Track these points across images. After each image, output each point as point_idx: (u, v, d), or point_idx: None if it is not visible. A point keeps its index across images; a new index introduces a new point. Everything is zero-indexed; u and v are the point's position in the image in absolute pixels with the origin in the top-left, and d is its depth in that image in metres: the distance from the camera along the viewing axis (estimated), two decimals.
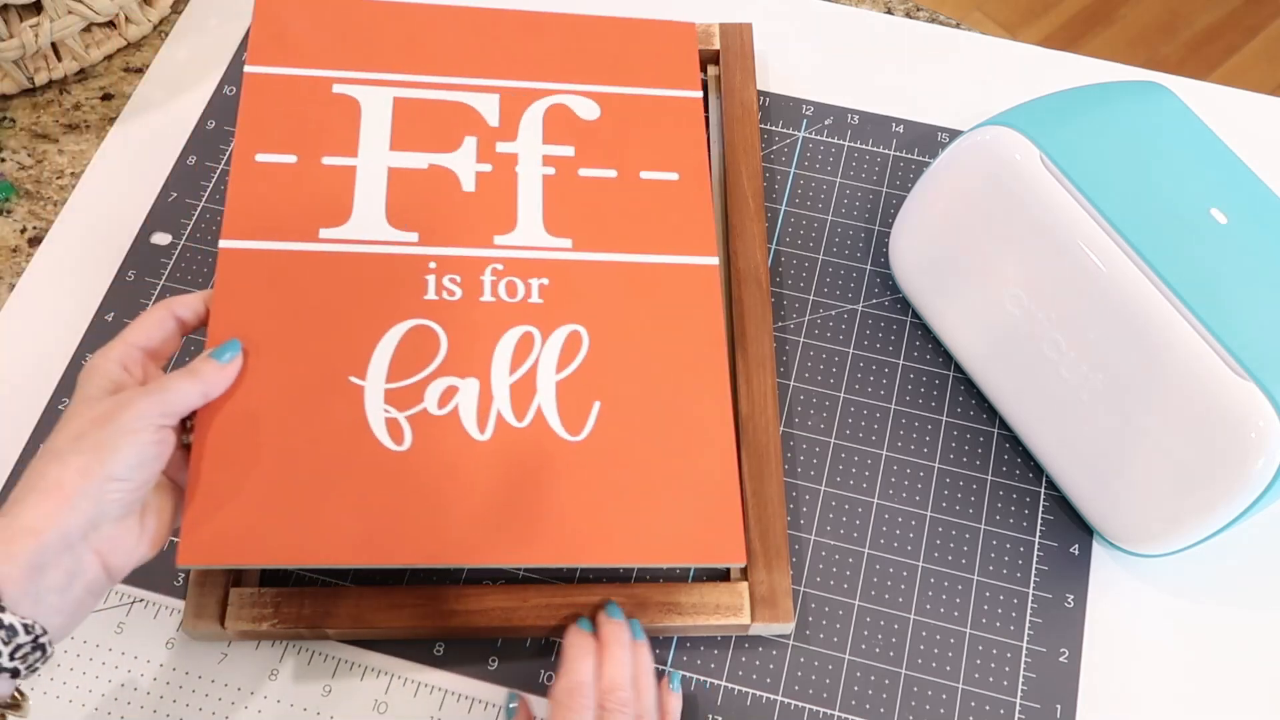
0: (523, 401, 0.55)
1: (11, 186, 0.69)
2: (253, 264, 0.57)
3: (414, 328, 0.57)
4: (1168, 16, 1.61)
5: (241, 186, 0.60)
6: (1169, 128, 0.57)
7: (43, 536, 0.44)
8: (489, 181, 0.61)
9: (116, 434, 0.46)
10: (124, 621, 0.57)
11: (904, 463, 0.60)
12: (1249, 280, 0.52)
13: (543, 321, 0.57)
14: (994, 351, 0.59)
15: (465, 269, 0.58)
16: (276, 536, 0.51)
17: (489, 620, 0.54)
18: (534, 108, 0.64)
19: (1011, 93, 0.64)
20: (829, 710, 0.55)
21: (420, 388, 0.55)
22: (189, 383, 0.50)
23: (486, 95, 0.64)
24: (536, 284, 0.58)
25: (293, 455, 0.53)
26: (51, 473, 0.45)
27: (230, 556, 0.51)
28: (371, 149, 0.61)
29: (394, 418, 0.54)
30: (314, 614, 0.54)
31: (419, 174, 0.61)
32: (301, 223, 0.59)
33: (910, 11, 0.75)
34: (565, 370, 0.56)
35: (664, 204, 0.62)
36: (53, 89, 0.73)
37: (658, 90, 0.65)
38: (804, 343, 0.63)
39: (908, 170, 0.68)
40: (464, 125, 0.63)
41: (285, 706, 0.55)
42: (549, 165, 0.62)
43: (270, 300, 0.56)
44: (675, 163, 0.63)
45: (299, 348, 0.55)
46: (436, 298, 0.58)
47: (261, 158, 0.60)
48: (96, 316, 0.65)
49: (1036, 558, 0.58)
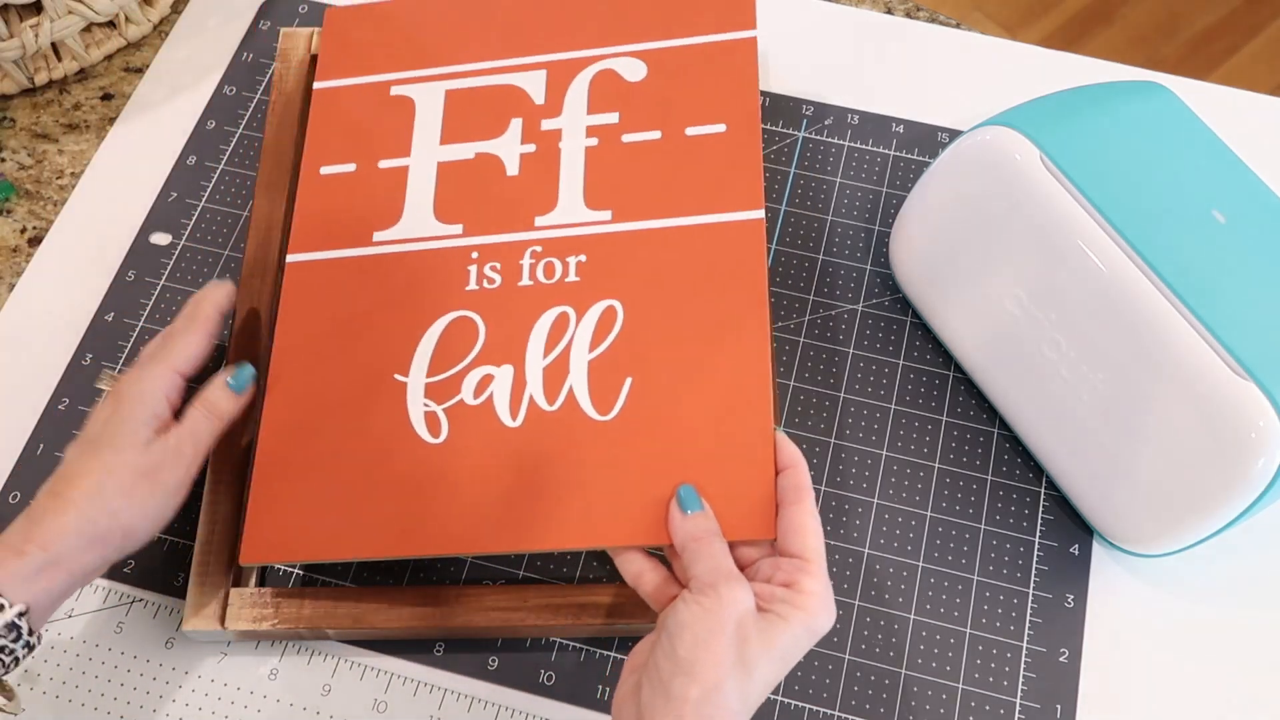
0: (555, 384, 0.55)
1: (11, 186, 0.69)
2: (313, 274, 0.59)
3: (454, 320, 0.57)
4: (1168, 16, 1.61)
5: (307, 201, 0.61)
6: (1169, 128, 0.57)
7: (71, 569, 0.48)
8: (532, 162, 0.60)
9: (162, 493, 0.51)
10: (124, 621, 0.57)
11: (904, 463, 0.60)
12: (1249, 280, 0.52)
13: (579, 300, 0.56)
14: (994, 351, 0.59)
15: (505, 255, 0.58)
16: (326, 534, 0.53)
17: (489, 620, 0.54)
18: (580, 78, 0.62)
19: (1011, 93, 0.64)
20: (829, 710, 0.55)
21: (458, 379, 0.55)
22: (212, 424, 0.53)
23: (534, 73, 0.63)
24: (575, 261, 0.57)
25: (341, 456, 0.54)
26: (92, 513, 0.49)
27: (285, 554, 0.53)
28: (423, 146, 0.62)
29: (432, 411, 0.55)
30: (314, 614, 0.54)
31: (465, 165, 0.61)
32: (357, 229, 0.60)
33: (910, 11, 0.75)
34: (598, 349, 0.55)
35: (709, 160, 0.59)
36: (53, 89, 0.73)
37: (708, 37, 0.62)
38: (804, 343, 0.63)
39: (908, 170, 0.68)
40: (511, 107, 0.62)
41: (285, 706, 0.55)
42: (592, 136, 0.61)
43: (327, 307, 0.58)
44: (723, 113, 0.60)
45: (350, 351, 0.57)
46: (477, 287, 0.57)
47: (325, 170, 0.62)
48: (96, 316, 0.65)
49: (1036, 558, 0.58)
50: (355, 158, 0.62)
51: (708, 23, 0.63)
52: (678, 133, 0.60)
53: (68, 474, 0.50)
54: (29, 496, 0.59)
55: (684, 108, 0.61)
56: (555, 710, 0.55)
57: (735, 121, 0.60)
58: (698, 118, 0.60)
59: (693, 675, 0.44)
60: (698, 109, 0.60)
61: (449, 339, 0.56)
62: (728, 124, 0.60)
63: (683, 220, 0.58)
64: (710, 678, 0.44)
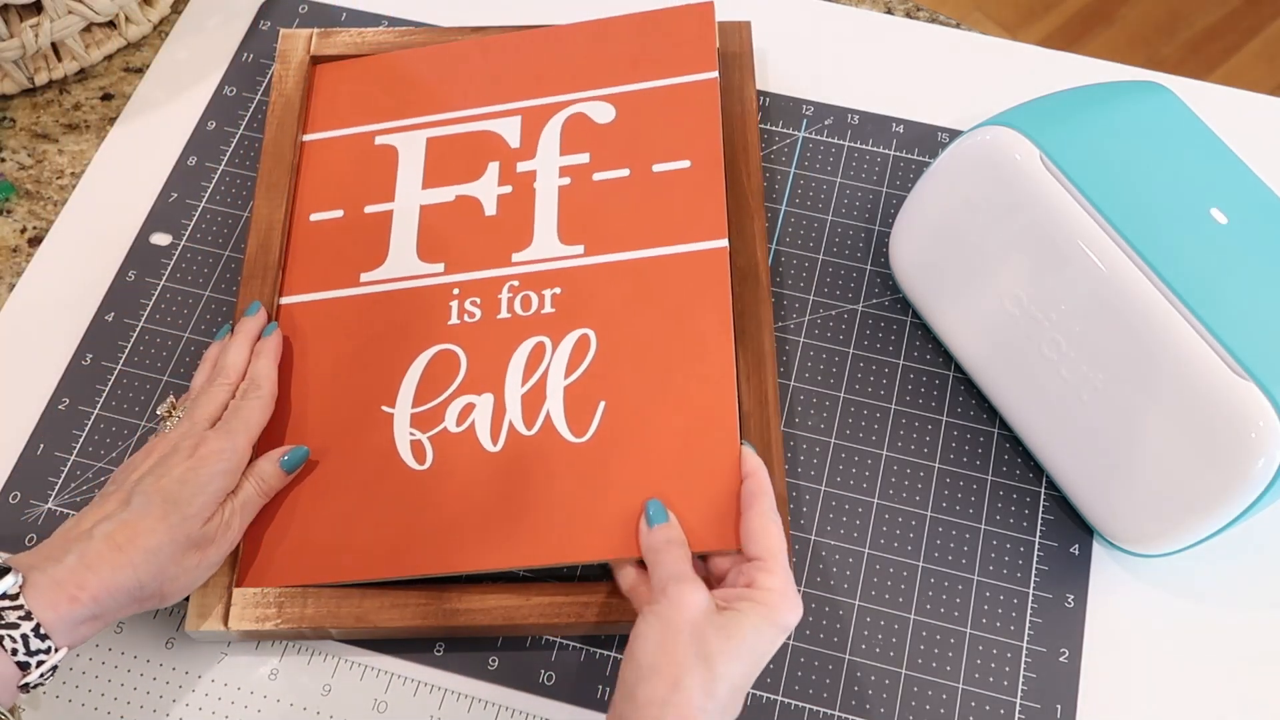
0: (533, 410, 0.58)
1: (11, 186, 0.69)
2: (306, 314, 0.62)
3: (438, 353, 0.60)
4: (1168, 16, 1.61)
5: (299, 246, 0.64)
6: (1169, 128, 0.57)
7: (108, 620, 0.49)
8: (509, 202, 0.64)
9: (207, 566, 0.53)
10: (124, 621, 0.57)
11: (904, 463, 0.60)
12: (1249, 280, 0.52)
13: (554, 330, 0.59)
14: (994, 351, 0.59)
15: (485, 290, 0.61)
16: (321, 559, 0.55)
17: (491, 619, 0.54)
18: (552, 122, 0.66)
19: (1011, 93, 0.64)
20: (829, 710, 0.55)
21: (441, 409, 0.58)
22: (261, 500, 0.56)
23: (509, 119, 0.66)
24: (550, 294, 0.60)
25: (334, 485, 0.57)
26: (146, 577, 0.50)
27: (283, 579, 0.55)
28: (406, 191, 0.65)
29: (418, 439, 0.58)
30: (316, 614, 0.55)
31: (446, 207, 0.64)
32: (346, 271, 0.63)
33: (910, 11, 0.75)
34: (573, 375, 0.58)
35: (675, 194, 0.62)
36: (53, 89, 0.73)
37: (672, 79, 0.66)
38: (804, 343, 0.63)
39: (908, 170, 0.68)
40: (488, 152, 0.66)
41: (285, 706, 0.55)
42: (565, 176, 0.64)
43: (319, 344, 0.61)
44: (688, 150, 0.63)
45: (341, 385, 0.60)
46: (458, 321, 0.60)
47: (315, 217, 0.65)
48: (96, 316, 0.65)
49: (1036, 558, 0.58)
50: (342, 204, 0.65)
51: (672, 66, 0.66)
52: (645, 170, 0.64)
53: (133, 522, 0.50)
54: (29, 496, 0.60)
55: (651, 146, 0.64)
56: (555, 710, 0.55)
57: (699, 158, 0.63)
58: (664, 155, 0.64)
59: (654, 678, 0.46)
60: (664, 147, 0.64)
61: (432, 371, 0.59)
62: (692, 160, 0.63)
63: (651, 252, 0.61)
64: (670, 676, 0.46)
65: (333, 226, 0.64)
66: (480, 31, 0.70)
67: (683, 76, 0.66)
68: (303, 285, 0.63)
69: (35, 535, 0.59)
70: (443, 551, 0.55)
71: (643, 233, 0.61)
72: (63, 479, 0.60)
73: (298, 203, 0.65)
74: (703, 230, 0.61)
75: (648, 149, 0.64)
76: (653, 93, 0.65)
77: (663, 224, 0.61)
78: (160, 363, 0.63)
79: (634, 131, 0.64)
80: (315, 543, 0.56)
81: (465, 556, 0.55)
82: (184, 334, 0.64)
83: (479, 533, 0.55)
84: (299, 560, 0.56)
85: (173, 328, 0.64)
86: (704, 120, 0.64)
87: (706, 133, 0.64)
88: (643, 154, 0.64)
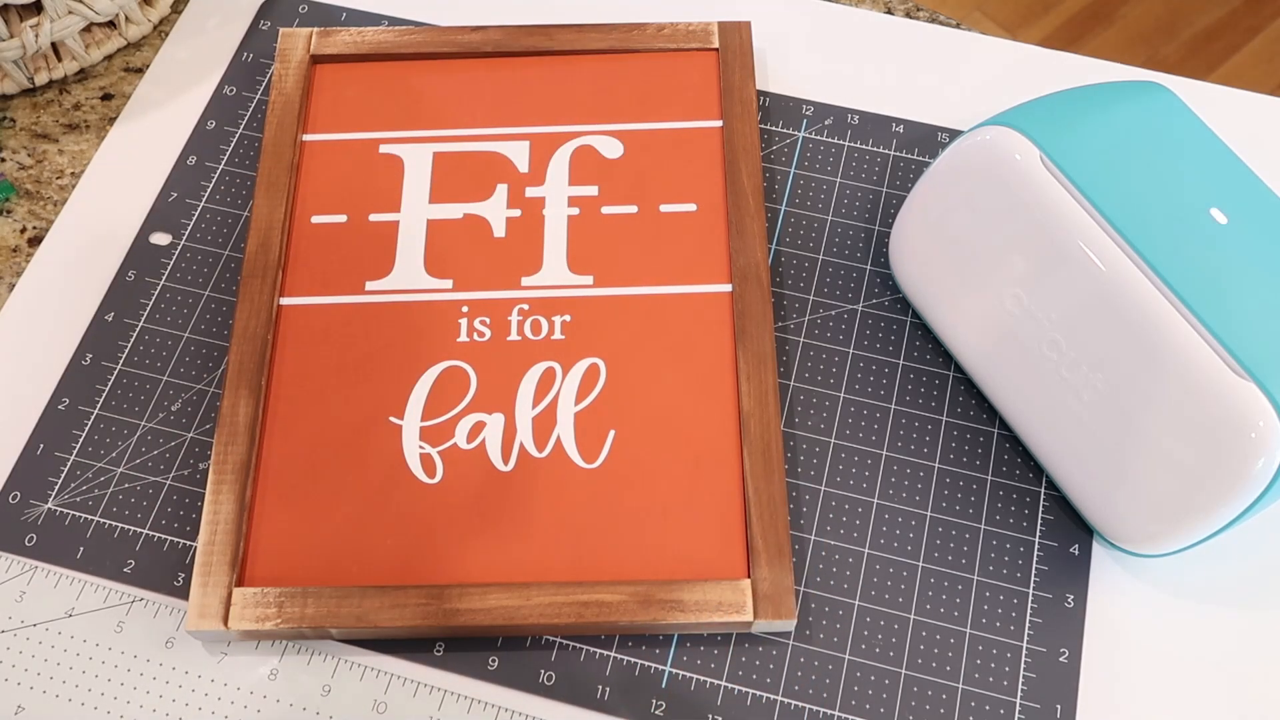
0: (544, 433, 0.59)
1: (11, 186, 0.69)
2: (308, 317, 0.62)
3: (447, 369, 0.60)
4: (1168, 16, 1.61)
5: (300, 248, 0.64)
6: (1169, 128, 0.57)
7: None
8: (518, 226, 0.65)
9: None
10: (124, 621, 0.57)
11: (904, 463, 0.60)
12: (1249, 280, 0.52)
13: (564, 356, 0.61)
14: (994, 351, 0.59)
15: (494, 311, 0.62)
16: (323, 565, 0.56)
17: (492, 619, 0.54)
18: (561, 151, 0.67)
19: (1011, 93, 0.64)
20: (829, 710, 0.55)
21: (452, 424, 0.59)
22: None
23: (518, 143, 0.67)
24: (559, 321, 0.62)
25: (340, 491, 0.58)
26: None
27: (282, 581, 0.56)
28: (413, 204, 0.65)
29: (428, 453, 0.58)
30: (317, 613, 0.55)
31: (454, 224, 0.65)
32: (350, 277, 0.63)
33: (910, 11, 0.75)
34: (583, 402, 0.60)
35: (681, 235, 0.64)
36: (53, 89, 0.73)
37: (679, 123, 0.68)
38: (804, 343, 0.63)
39: (908, 170, 0.68)
40: (496, 173, 0.66)
41: (285, 706, 0.55)
42: (574, 206, 0.65)
43: (322, 349, 0.61)
44: (694, 194, 0.65)
45: (346, 392, 0.60)
46: (468, 340, 0.61)
47: (316, 219, 0.65)
48: (96, 316, 0.65)
49: (1036, 558, 0.58)
50: (346, 209, 0.65)
51: (678, 112, 0.68)
52: (653, 208, 0.65)
53: None
54: (29, 496, 0.60)
55: (658, 186, 0.65)
56: (555, 710, 0.55)
57: (704, 203, 0.65)
58: (671, 196, 0.65)
59: None
60: (670, 188, 0.65)
61: (442, 386, 0.60)
62: (698, 204, 0.65)
63: (658, 289, 0.63)
64: None
65: (336, 231, 0.65)
66: (480, 31, 0.70)
67: (688, 122, 0.68)
68: (304, 288, 0.63)
69: (35, 535, 0.59)
70: (453, 565, 0.56)
71: (651, 270, 0.63)
72: (63, 479, 0.60)
73: (298, 203, 0.66)
74: (707, 274, 0.63)
75: (655, 188, 0.65)
76: (660, 134, 0.67)
77: (670, 263, 0.63)
78: (160, 362, 0.63)
79: (641, 169, 0.66)
80: (320, 546, 0.56)
81: (475, 571, 0.56)
82: (184, 334, 0.64)
83: (490, 549, 0.56)
84: (302, 562, 0.56)
85: (173, 327, 0.64)
86: (709, 166, 0.66)
87: (712, 178, 0.65)
88: (650, 193, 0.65)
